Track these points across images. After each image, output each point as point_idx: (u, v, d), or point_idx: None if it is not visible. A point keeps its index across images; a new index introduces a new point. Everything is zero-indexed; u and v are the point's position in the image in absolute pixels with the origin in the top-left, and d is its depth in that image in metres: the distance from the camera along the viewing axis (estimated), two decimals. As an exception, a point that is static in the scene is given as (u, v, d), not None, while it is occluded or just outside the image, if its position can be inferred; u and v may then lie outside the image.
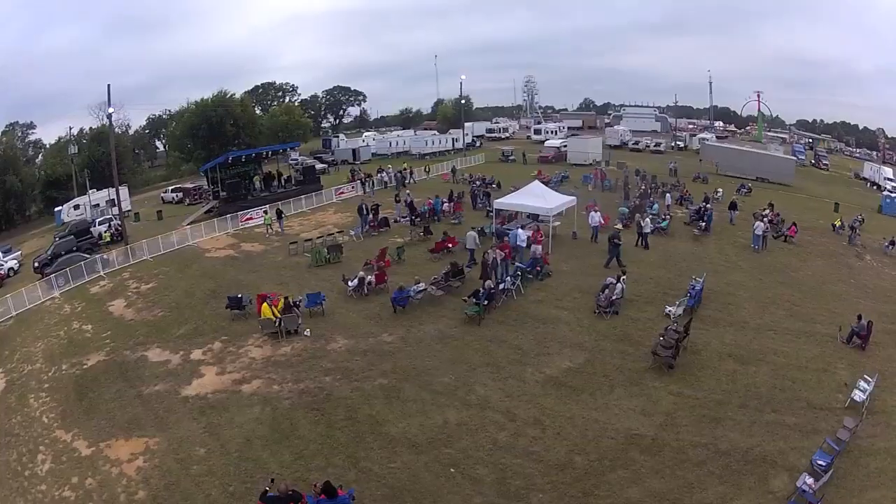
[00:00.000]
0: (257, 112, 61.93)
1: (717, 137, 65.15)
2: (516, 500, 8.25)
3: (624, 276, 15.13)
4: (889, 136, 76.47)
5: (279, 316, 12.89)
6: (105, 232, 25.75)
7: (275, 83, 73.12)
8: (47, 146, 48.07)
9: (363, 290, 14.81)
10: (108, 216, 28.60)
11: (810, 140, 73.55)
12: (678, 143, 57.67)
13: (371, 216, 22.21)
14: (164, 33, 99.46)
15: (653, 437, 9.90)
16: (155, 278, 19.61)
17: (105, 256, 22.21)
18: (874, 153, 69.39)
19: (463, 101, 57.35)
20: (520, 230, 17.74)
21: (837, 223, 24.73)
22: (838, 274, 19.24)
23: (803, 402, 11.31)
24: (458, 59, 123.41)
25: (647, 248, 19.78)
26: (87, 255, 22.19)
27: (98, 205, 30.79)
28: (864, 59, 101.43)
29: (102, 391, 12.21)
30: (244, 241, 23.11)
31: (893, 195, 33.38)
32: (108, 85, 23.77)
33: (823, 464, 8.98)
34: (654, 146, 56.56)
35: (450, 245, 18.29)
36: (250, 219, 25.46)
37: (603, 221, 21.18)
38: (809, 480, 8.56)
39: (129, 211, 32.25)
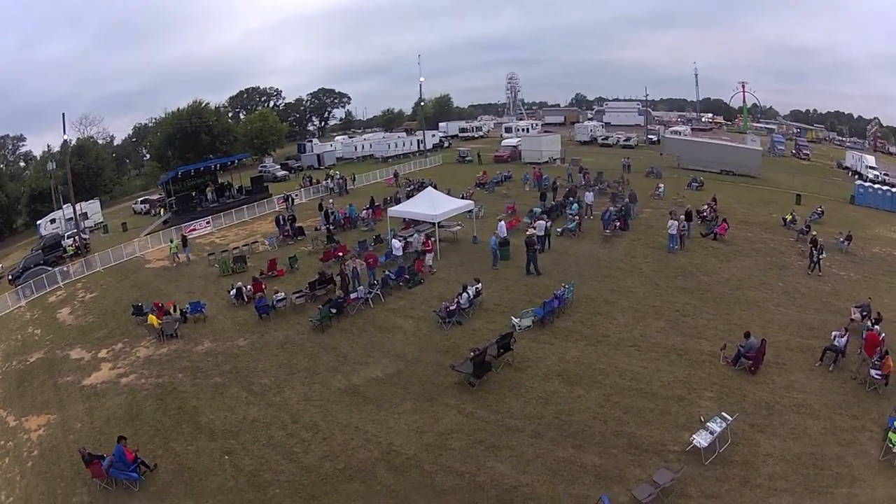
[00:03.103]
0: (241, 117, 65.96)
1: (692, 130, 65.96)
2: (257, 490, 9.84)
3: (478, 285, 16.08)
4: (885, 124, 76.43)
5: (160, 323, 16.46)
6: (70, 245, 29.83)
7: (258, 88, 77.03)
8: (38, 158, 52.93)
9: (242, 298, 18.22)
10: (80, 229, 32.83)
11: (796, 130, 73.78)
12: (650, 137, 58.41)
13: (287, 226, 25.64)
14: (158, 39, 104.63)
15: (409, 456, 10.19)
16: (99, 288, 23.33)
17: (65, 269, 26.20)
18: (865, 142, 69.50)
19: (424, 102, 59.96)
20: (394, 240, 20.20)
21: (789, 217, 23.99)
22: (764, 276, 18.12)
23: (625, 438, 10.26)
24: (450, 57, 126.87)
25: (543, 250, 20.06)
26: (50, 268, 26.20)
27: (72, 218, 35.06)
28: (856, 46, 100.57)
29: (33, 380, 15.75)
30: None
31: (867, 184, 32.88)
32: (63, 114, 27.81)
33: None
34: (625, 141, 58.10)
35: (340, 254, 21.36)
36: (194, 230, 29.16)
37: (506, 230, 21.16)
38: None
39: (100, 223, 36.57)
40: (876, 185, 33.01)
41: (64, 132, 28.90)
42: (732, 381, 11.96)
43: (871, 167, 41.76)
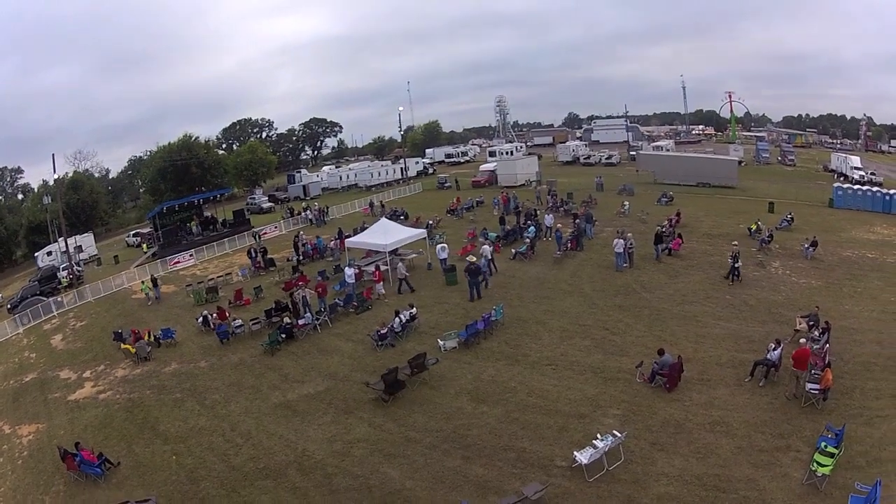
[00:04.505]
0: (233, 149, 70.29)
1: (676, 144, 69.01)
2: (192, 483, 12.12)
3: (412, 310, 18.22)
4: (879, 123, 79.11)
5: (134, 349, 19.70)
6: (64, 277, 33.48)
7: (251, 119, 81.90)
8: (35, 190, 57.25)
9: (209, 325, 21.42)
10: (72, 262, 36.55)
11: (786, 136, 76.88)
12: (632, 153, 60.66)
13: (259, 258, 29.04)
14: (156, 70, 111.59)
15: (317, 461, 11.90)
16: (89, 317, 26.78)
17: (59, 299, 29.74)
18: (857, 143, 72.06)
19: (413, 129, 63.79)
20: (347, 269, 23.06)
21: (754, 227, 24.91)
22: (711, 290, 18.89)
23: (514, 453, 11.10)
24: (444, 81, 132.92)
25: (490, 274, 22.05)
26: (46, 299, 29.77)
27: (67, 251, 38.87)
28: (849, 48, 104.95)
29: (27, 396, 18.88)
30: (165, 283, 30.19)
31: (845, 186, 33.65)
32: (53, 154, 31.86)
33: None
34: (606, 159, 61.16)
35: (301, 283, 24.47)
36: (178, 262, 32.71)
37: (446, 254, 23.10)
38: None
39: (94, 255, 40.39)
40: (856, 187, 33.60)
41: (54, 171, 33.39)
42: (644, 398, 12.44)
43: (857, 168, 42.98)
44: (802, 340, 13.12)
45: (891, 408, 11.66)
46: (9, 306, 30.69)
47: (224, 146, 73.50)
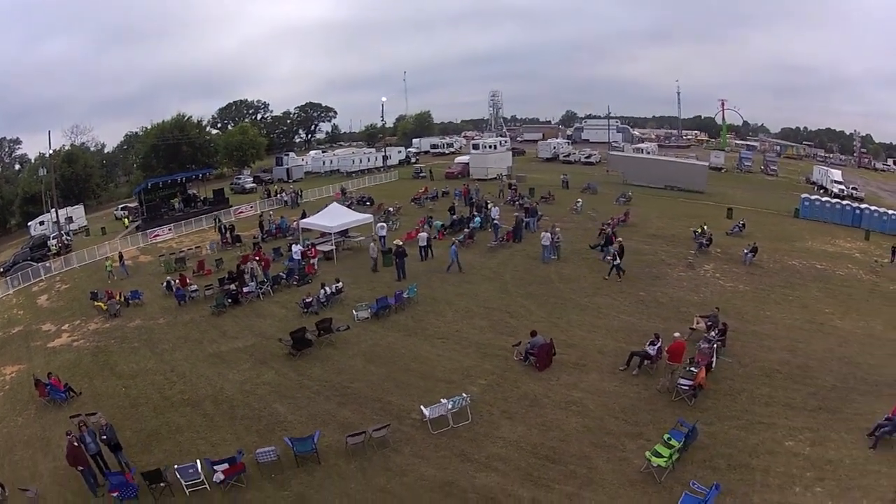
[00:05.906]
0: (227, 129, 73.48)
1: (660, 147, 71.43)
2: (133, 408, 14.90)
3: (338, 284, 21.07)
4: (878, 141, 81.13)
5: (105, 306, 23.43)
6: (53, 245, 37.23)
7: (246, 101, 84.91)
8: (32, 161, 60.75)
9: (171, 289, 25.03)
10: (61, 232, 40.29)
11: (777, 147, 79.22)
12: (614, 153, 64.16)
13: (227, 234, 32.60)
14: (157, 46, 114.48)
15: (228, 396, 14.59)
16: (72, 280, 30.44)
17: (48, 265, 33.44)
18: (851, 158, 74.32)
19: (383, 120, 66.69)
20: (294, 246, 26.53)
21: (699, 230, 25.94)
22: (626, 285, 20.05)
23: (381, 404, 13.08)
24: (445, 71, 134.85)
25: (423, 259, 24.81)
26: (35, 264, 33.48)
27: (57, 221, 42.57)
28: (853, 62, 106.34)
29: (12, 345, 22.38)
30: (144, 253, 33.95)
31: (813, 198, 34.76)
32: (49, 131, 35.10)
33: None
34: (586, 158, 63.98)
35: (257, 258, 27.86)
36: (157, 235, 36.37)
37: (384, 234, 26.43)
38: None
39: (84, 226, 44.14)
40: (824, 199, 34.70)
41: (49, 148, 36.46)
42: (513, 374, 13.78)
43: (837, 181, 44.38)
44: (677, 335, 13.60)
45: (780, 416, 11.86)
46: (1, 270, 34.37)
47: (219, 126, 76.68)
